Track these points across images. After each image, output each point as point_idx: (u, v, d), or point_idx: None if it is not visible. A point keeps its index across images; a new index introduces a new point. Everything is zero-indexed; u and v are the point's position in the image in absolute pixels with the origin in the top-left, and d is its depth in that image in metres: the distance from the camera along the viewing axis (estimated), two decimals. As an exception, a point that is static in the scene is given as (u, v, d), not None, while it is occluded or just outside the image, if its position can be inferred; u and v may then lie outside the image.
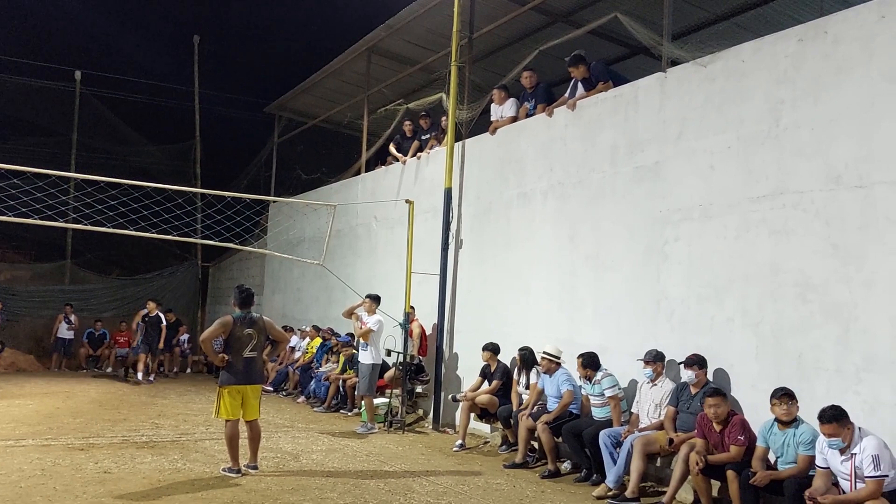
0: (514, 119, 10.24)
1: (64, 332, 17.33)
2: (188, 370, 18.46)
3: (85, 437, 8.09)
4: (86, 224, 9.54)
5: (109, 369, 16.93)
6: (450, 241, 10.61)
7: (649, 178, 7.73)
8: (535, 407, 8.03)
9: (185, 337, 18.63)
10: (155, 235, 10.03)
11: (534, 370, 8.32)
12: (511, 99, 10.48)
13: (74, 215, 10.89)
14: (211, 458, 7.30)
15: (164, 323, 15.47)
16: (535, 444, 7.90)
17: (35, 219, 8.97)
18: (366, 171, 14.17)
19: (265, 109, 18.25)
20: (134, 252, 20.61)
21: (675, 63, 7.77)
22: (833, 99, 6.04)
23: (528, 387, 8.36)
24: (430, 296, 10.66)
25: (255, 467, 6.85)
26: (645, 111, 7.90)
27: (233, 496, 5.81)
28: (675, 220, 7.38)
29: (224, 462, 6.86)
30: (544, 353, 7.88)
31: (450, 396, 9.78)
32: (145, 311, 15.21)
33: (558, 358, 7.84)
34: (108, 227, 9.30)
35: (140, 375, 14.71)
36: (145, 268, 20.57)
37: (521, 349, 8.49)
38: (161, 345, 15.43)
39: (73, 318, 17.37)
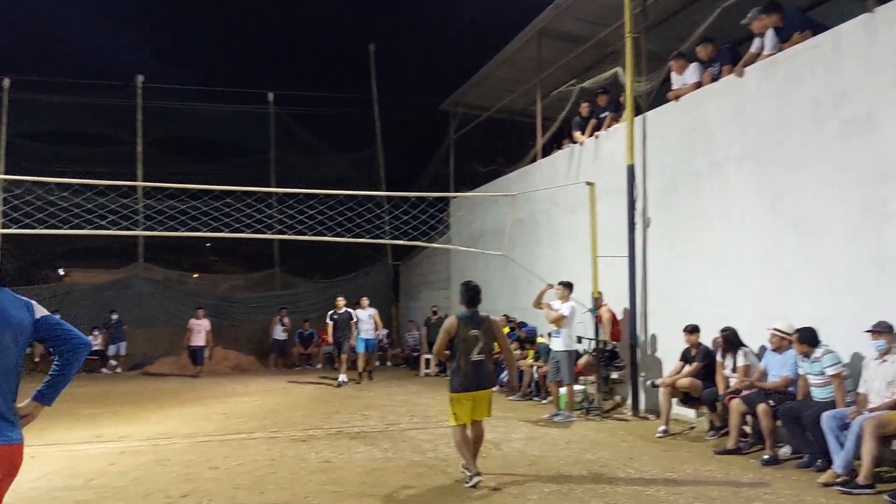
0: (699, 85, 9.67)
1: (279, 333, 18.95)
2: (387, 363, 19.47)
3: (305, 430, 8.74)
4: (289, 234, 10.32)
5: (319, 366, 18.26)
6: (636, 220, 10.24)
7: (861, 131, 6.97)
8: (749, 389, 7.53)
9: (383, 332, 19.63)
10: (350, 240, 10.63)
11: (741, 351, 7.79)
12: (692, 64, 9.91)
13: (279, 227, 11.78)
14: (418, 447, 7.59)
15: (355, 319, 14.73)
16: (747, 429, 7.41)
17: (247, 233, 9.83)
18: (542, 157, 14.07)
19: (440, 107, 18.72)
20: (332, 256, 22.01)
21: (882, 0, 6.93)
22: None
23: (734, 369, 7.85)
24: (619, 279, 10.34)
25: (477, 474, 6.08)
26: (850, 59, 7.13)
27: (443, 483, 6.00)
28: (895, 174, 6.58)
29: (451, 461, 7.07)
30: (775, 329, 7.32)
31: (648, 382, 9.45)
32: (332, 309, 14.84)
33: (790, 334, 7.21)
34: (309, 236, 9.99)
35: (342, 378, 14.07)
36: (343, 270, 21.89)
37: (723, 330, 7.98)
38: (352, 341, 14.60)
39: (286, 320, 18.92)
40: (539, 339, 11.85)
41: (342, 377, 14.07)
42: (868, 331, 6.31)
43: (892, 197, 6.63)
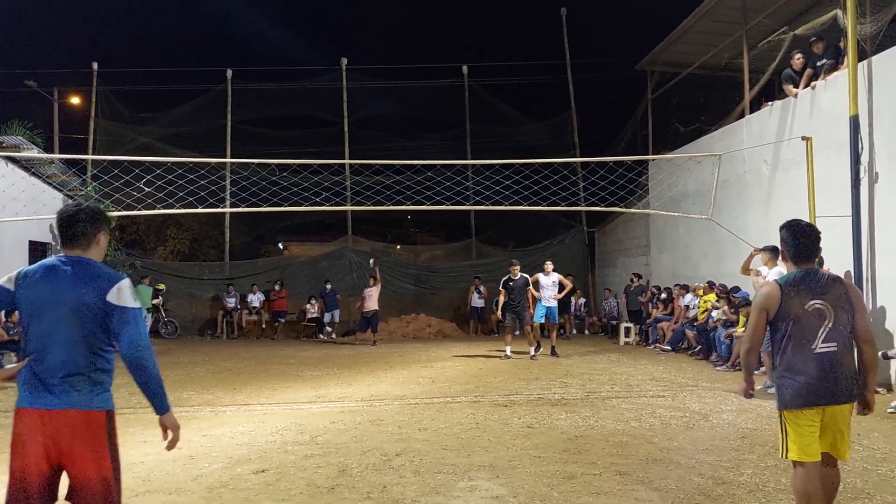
0: (937, 21, 8.51)
1: (476, 301, 19.52)
2: (585, 332, 19.38)
3: (506, 395, 8.99)
4: (488, 204, 10.55)
5: (517, 332, 18.54)
6: (861, 176, 9.28)
7: None
8: None
9: (581, 301, 19.67)
10: (545, 208, 10.64)
11: None
12: (929, -2, 8.72)
13: (477, 198, 12.07)
14: (620, 416, 7.52)
15: (529, 287, 13.23)
16: None
17: (447, 205, 10.19)
18: (750, 113, 13.12)
19: (636, 67, 18.07)
20: (526, 225, 22.17)
21: None
22: None
23: None
24: (841, 242, 9.45)
25: None
26: None
27: (647, 453, 5.92)
28: None
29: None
30: None
31: (880, 354, 8.60)
32: (507, 275, 13.37)
33: None
34: (504, 205, 10.16)
35: (508, 350, 13.20)
36: (537, 238, 21.98)
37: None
38: (531, 309, 13.44)
39: (482, 288, 19.43)
40: (748, 308, 11.19)
41: (508, 350, 13.16)
42: None
43: None
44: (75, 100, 22.93)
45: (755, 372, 4.06)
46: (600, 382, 10.06)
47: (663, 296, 15.66)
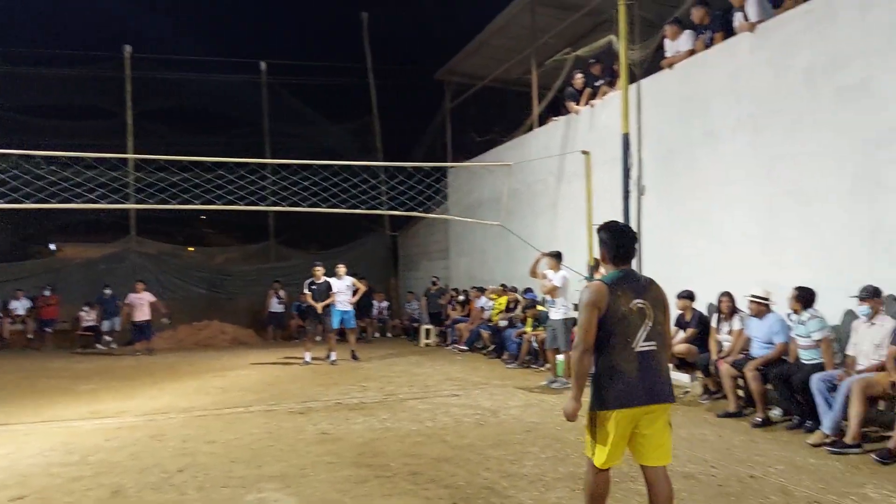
0: (692, 52, 9.60)
1: (275, 306, 19.00)
2: (387, 334, 19.59)
3: (303, 402, 8.80)
4: (284, 206, 10.28)
5: (318, 338, 18.28)
6: (631, 189, 10.24)
7: (855, 97, 6.94)
8: (739, 354, 7.60)
9: (383, 304, 19.87)
10: (346, 210, 10.56)
11: (737, 316, 7.87)
12: (686, 32, 9.83)
13: (273, 199, 11.72)
14: (416, 417, 7.66)
15: (335, 291, 13.11)
16: (740, 392, 7.49)
17: (241, 205, 9.79)
18: (538, 126, 14.01)
19: (435, 76, 18.58)
20: (329, 227, 21.96)
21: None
22: None
23: (729, 333, 7.93)
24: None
25: None
26: (845, 23, 7.08)
27: (440, 452, 6.06)
28: (890, 140, 6.57)
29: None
30: (752, 296, 7.39)
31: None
32: (310, 279, 13.21)
33: (767, 300, 7.32)
34: (304, 207, 9.97)
35: (307, 357, 12.91)
36: (340, 241, 21.86)
37: (722, 294, 8.04)
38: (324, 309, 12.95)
39: (281, 293, 18.94)
40: (539, 307, 11.90)
41: (308, 355, 12.91)
42: (854, 296, 6.38)
43: (886, 164, 6.63)
44: None
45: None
46: (399, 384, 10.18)
47: (461, 298, 16.24)
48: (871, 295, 6.29)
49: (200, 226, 27.80)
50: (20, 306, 17.72)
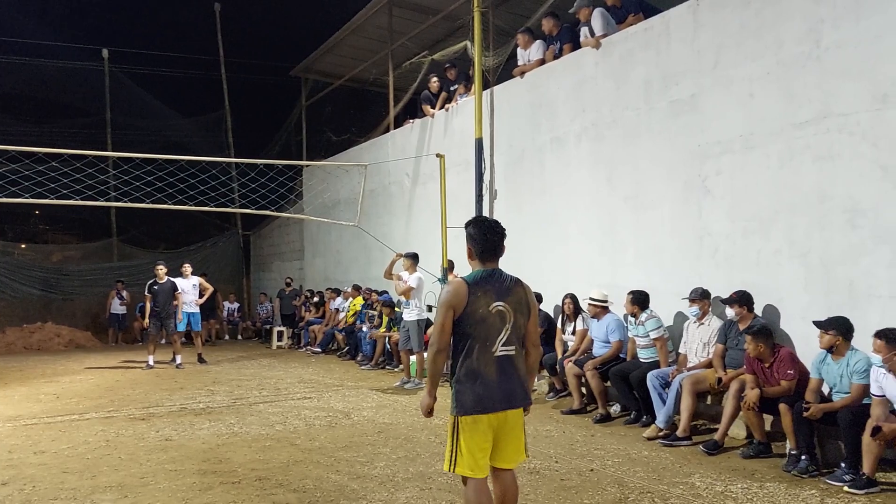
0: (542, 62, 10.01)
1: (117, 307, 17.89)
2: (238, 336, 18.96)
3: (145, 408, 8.34)
4: (126, 201, 9.70)
5: (163, 341, 17.39)
6: (484, 192, 10.53)
7: (686, 111, 7.52)
8: (581, 353, 8.02)
9: (235, 305, 19.23)
10: (194, 208, 10.12)
11: (580, 317, 8.29)
12: (537, 41, 10.23)
13: (115, 193, 11.01)
14: (266, 420, 7.47)
15: (179, 290, 12.58)
16: (584, 390, 7.90)
17: (77, 199, 9.13)
18: (395, 128, 14.09)
19: (291, 73, 18.21)
20: (177, 226, 20.97)
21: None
22: (876, 14, 5.74)
23: (573, 333, 8.34)
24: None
25: None
26: (678, 43, 7.64)
27: (290, 455, 5.95)
28: (715, 153, 7.17)
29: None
30: (591, 298, 7.82)
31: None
32: (152, 279, 12.53)
33: (605, 302, 7.78)
34: (148, 203, 9.45)
35: (151, 360, 12.25)
36: (189, 240, 20.90)
37: (570, 296, 8.43)
38: (179, 316, 12.50)
39: (124, 293, 17.86)
40: (390, 309, 11.96)
41: (151, 359, 12.25)
42: (685, 298, 6.92)
43: (710, 174, 7.23)
44: None
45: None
46: (249, 388, 9.89)
47: (315, 299, 16.00)
48: (699, 297, 6.85)
49: (35, 221, 25.64)
50: None
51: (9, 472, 5.47)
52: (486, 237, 3.63)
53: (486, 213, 10.49)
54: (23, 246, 22.09)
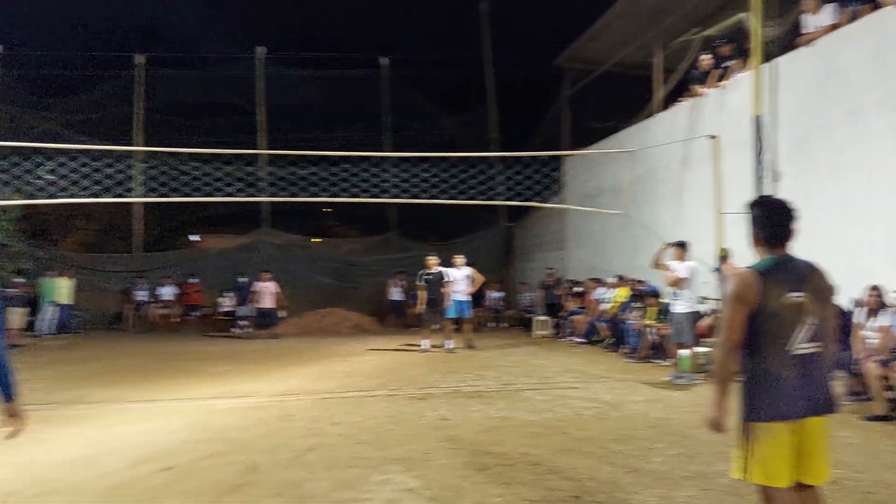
0: (834, 27, 8.92)
1: (396, 295, 19.41)
2: (503, 324, 19.57)
3: (422, 388, 8.92)
4: (405, 198, 10.44)
5: (435, 327, 18.55)
6: (763, 174, 9.65)
7: None
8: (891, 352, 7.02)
9: (498, 294, 19.88)
10: (463, 202, 10.61)
11: (886, 311, 7.27)
12: (830, 4, 9.14)
13: (395, 190, 11.90)
14: (534, 407, 7.58)
15: (449, 279, 13.08)
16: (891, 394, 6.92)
17: (364, 197, 10.03)
18: (663, 111, 13.50)
19: (554, 63, 18.27)
20: (446, 219, 22.12)
21: None
22: None
23: (877, 329, 7.34)
24: (745, 238, 9.81)
25: None
26: None
27: (560, 443, 5.97)
28: None
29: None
30: None
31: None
32: (423, 269, 13.32)
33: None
34: (424, 199, 10.09)
35: (426, 344, 13.06)
36: (457, 233, 21.99)
37: (869, 287, 7.44)
38: (446, 303, 13.10)
39: (402, 282, 19.33)
40: (657, 300, 11.50)
41: (426, 343, 13.05)
42: None
43: None
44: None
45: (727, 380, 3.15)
46: (516, 374, 10.13)
47: (577, 289, 15.95)
48: None
49: (325, 218, 28.80)
50: (167, 292, 19.06)
51: (312, 440, 6.16)
52: (776, 220, 3.24)
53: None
54: (315, 240, 24.95)
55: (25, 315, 15.71)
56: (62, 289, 17.05)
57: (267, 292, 16.63)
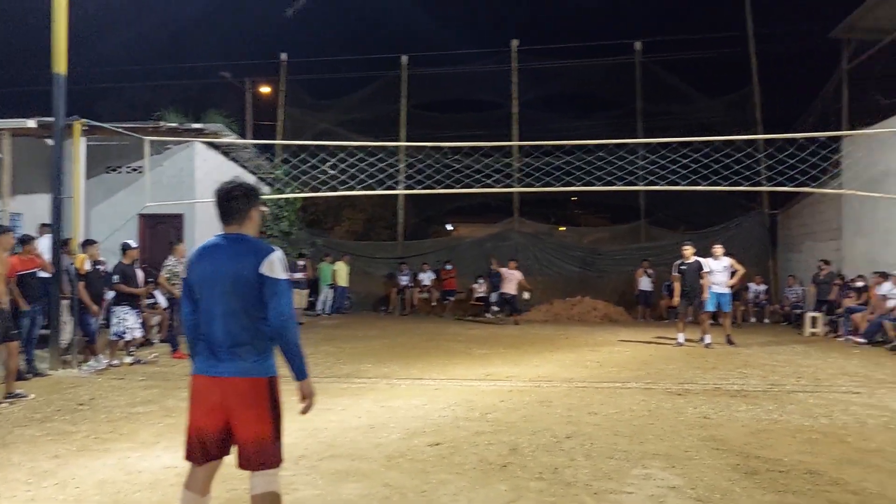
0: None
1: (645, 284, 18.92)
2: (765, 320, 18.26)
3: (680, 384, 8.64)
4: (662, 185, 10.14)
5: (689, 319, 17.77)
6: None
7: None
8: None
9: (761, 288, 18.60)
10: (724, 188, 10.08)
11: None
12: None
13: (650, 178, 11.59)
14: (808, 412, 7.00)
15: (707, 270, 12.53)
16: None
17: (618, 185, 9.91)
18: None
19: (830, 35, 16.53)
20: (700, 207, 21.09)
21: None
22: None
23: None
24: None
25: None
26: None
27: (841, 453, 5.46)
28: None
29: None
30: None
31: None
32: (679, 259, 12.88)
33: None
34: (682, 186, 9.72)
35: (681, 338, 12.57)
36: (709, 221, 20.85)
37: None
38: (704, 295, 12.42)
39: (651, 271, 18.80)
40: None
41: (681, 336, 12.56)
42: None
43: None
44: (265, 89, 24.64)
45: None
46: (784, 374, 9.42)
47: (858, 284, 14.33)
48: None
49: (572, 207, 28.90)
50: (426, 278, 20.48)
51: (570, 428, 6.27)
52: None
53: None
54: (562, 228, 25.14)
55: (307, 296, 17.78)
56: (339, 272, 19.04)
57: (511, 279, 17.14)
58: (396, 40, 29.02)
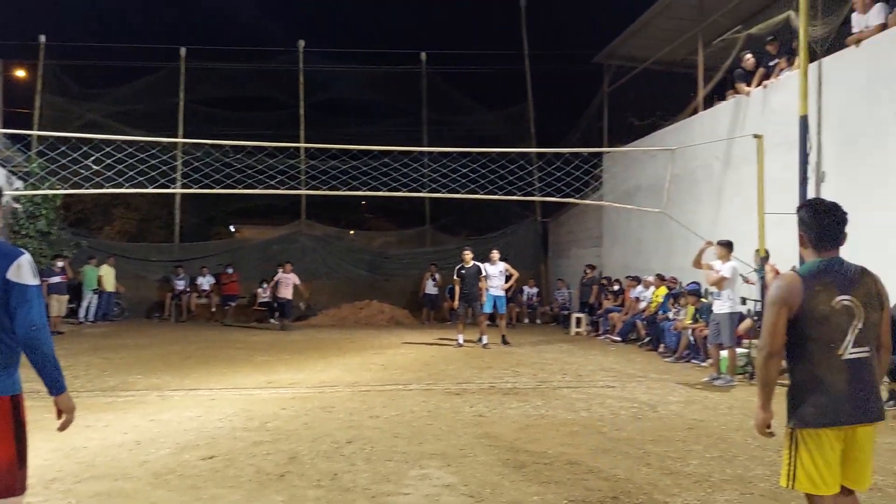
0: (884, 27, 8.74)
1: (430, 288, 19.51)
2: (537, 321, 19.55)
3: (458, 384, 8.99)
4: (443, 192, 10.50)
5: (469, 321, 18.58)
6: (809, 175, 9.49)
7: None
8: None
9: (533, 290, 19.87)
10: (500, 197, 10.66)
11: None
12: (878, 4, 8.97)
13: (434, 185, 11.97)
14: (571, 406, 7.59)
15: (484, 274, 13.19)
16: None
17: (403, 191, 10.11)
18: (703, 109, 13.35)
19: (594, 60, 18.19)
20: (480, 213, 22.20)
21: None
22: None
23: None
24: (788, 239, 9.64)
25: None
26: None
27: (597, 443, 5.97)
28: None
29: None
30: None
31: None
32: (460, 264, 13.33)
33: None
34: (462, 193, 10.14)
35: (461, 339, 13.09)
36: (491, 227, 22.03)
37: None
38: (482, 298, 13.11)
39: (437, 276, 19.42)
40: (697, 300, 11.40)
41: (461, 338, 13.08)
42: None
43: None
44: (20, 73, 21.97)
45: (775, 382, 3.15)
46: (551, 372, 10.15)
47: (615, 287, 15.88)
48: None
49: (361, 211, 29.03)
50: (205, 282, 19.44)
51: (352, 433, 6.25)
52: (824, 222, 3.17)
53: (811, 197, 9.48)
54: (351, 232, 25.21)
55: (67, 302, 16.09)
56: (104, 276, 17.49)
57: (288, 282, 16.95)
58: (181, 32, 27.40)
